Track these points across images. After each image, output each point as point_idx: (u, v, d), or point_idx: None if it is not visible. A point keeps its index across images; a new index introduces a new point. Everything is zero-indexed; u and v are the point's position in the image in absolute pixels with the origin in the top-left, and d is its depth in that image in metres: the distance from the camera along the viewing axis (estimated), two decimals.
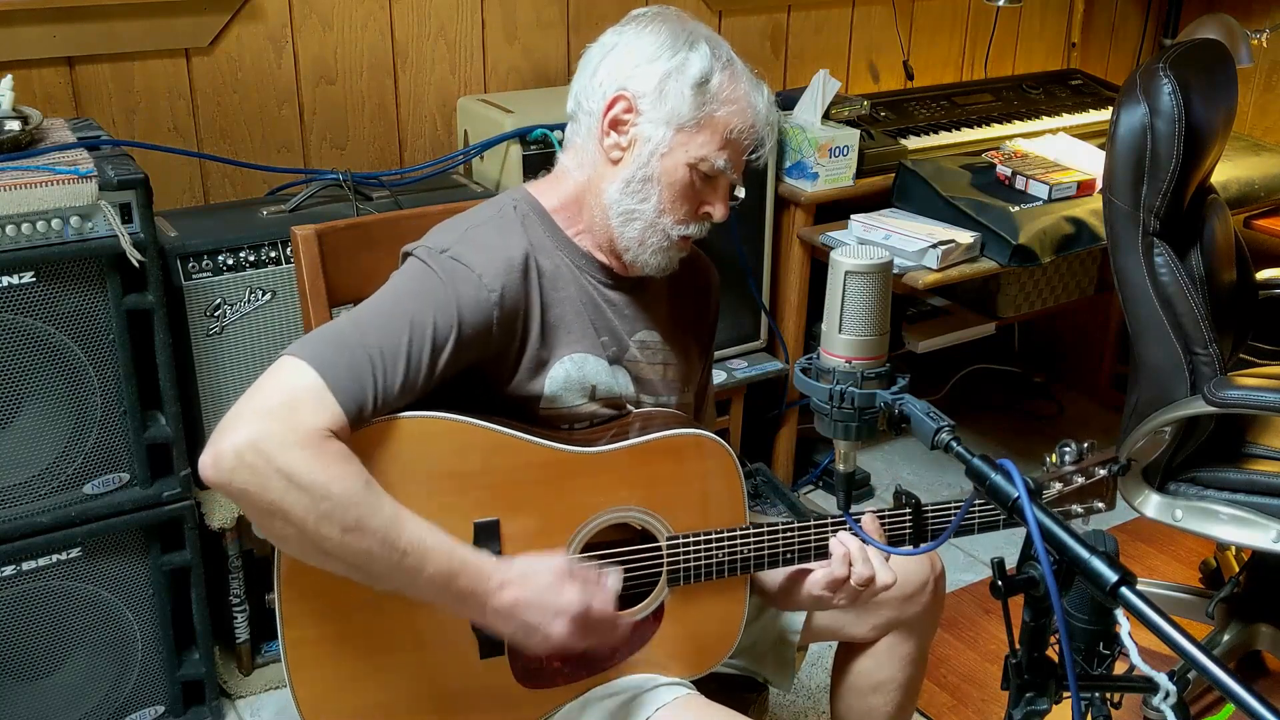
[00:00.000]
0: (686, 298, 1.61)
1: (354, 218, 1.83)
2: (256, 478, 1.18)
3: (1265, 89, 3.37)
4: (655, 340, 1.54)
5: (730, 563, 1.44)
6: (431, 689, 1.38)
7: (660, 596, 1.44)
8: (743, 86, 1.43)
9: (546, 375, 1.43)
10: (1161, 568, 2.83)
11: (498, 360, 1.40)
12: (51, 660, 2.02)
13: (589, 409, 1.46)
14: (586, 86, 1.46)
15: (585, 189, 1.47)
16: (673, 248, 1.46)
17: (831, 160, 2.78)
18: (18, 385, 1.88)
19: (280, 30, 2.46)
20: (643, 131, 1.41)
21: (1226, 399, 1.95)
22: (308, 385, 1.23)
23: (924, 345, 3.04)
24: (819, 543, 1.46)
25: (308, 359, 1.25)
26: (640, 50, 1.42)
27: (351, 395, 1.24)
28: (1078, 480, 1.45)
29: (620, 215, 1.43)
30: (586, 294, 1.47)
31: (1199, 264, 2.09)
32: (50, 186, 1.83)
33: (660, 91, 1.40)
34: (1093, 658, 1.19)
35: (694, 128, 1.41)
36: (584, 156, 1.47)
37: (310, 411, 1.21)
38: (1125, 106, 1.99)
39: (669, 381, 1.55)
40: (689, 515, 1.44)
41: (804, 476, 3.17)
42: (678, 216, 1.44)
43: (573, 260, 1.47)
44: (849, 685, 1.75)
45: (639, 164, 1.42)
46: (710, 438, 1.46)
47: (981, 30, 3.53)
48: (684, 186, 1.42)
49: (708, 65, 1.40)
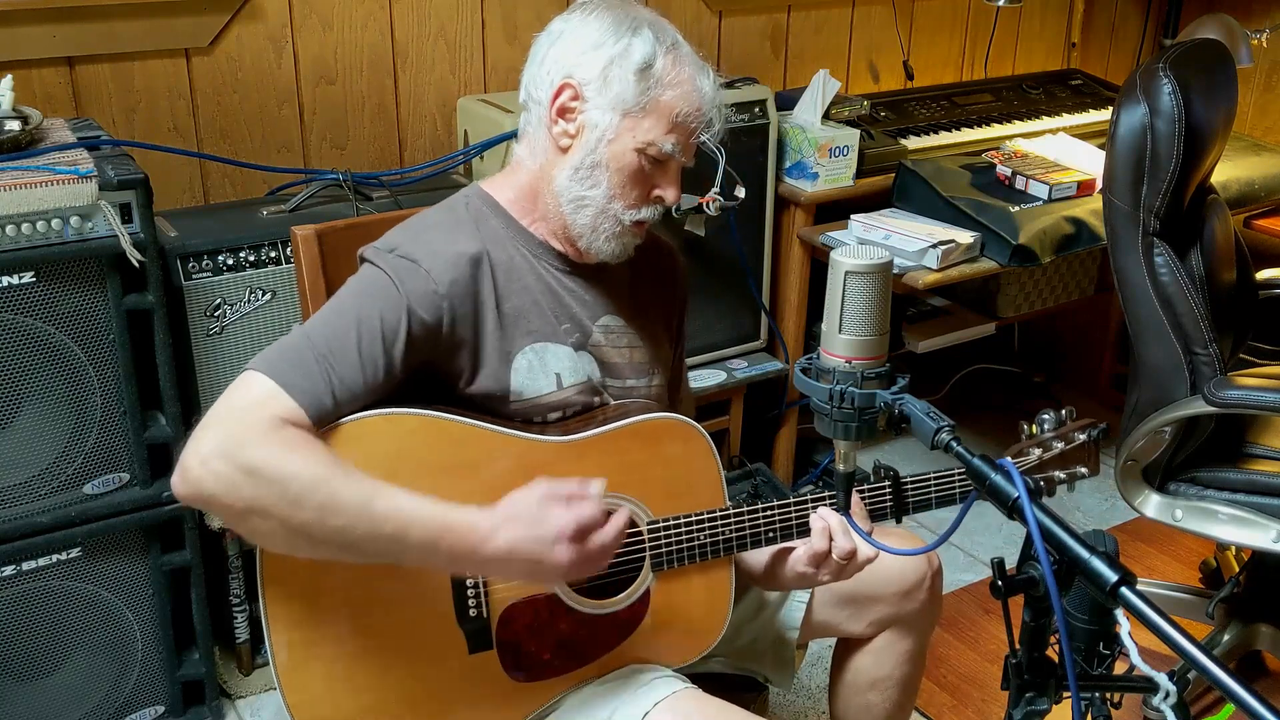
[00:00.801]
0: (649, 282, 1.61)
1: (354, 218, 1.84)
2: (223, 481, 1.20)
3: (1265, 89, 3.37)
4: (619, 324, 1.54)
5: (713, 544, 1.44)
6: (422, 687, 1.38)
7: (645, 582, 1.45)
8: (687, 70, 1.44)
9: (510, 367, 1.43)
10: (1161, 568, 2.83)
11: (455, 356, 1.41)
12: (51, 660, 2.02)
13: (558, 397, 1.46)
14: (535, 75, 1.47)
15: (538, 178, 1.48)
16: (626, 233, 1.47)
17: (831, 160, 2.78)
18: (18, 385, 1.88)
19: (280, 30, 2.46)
20: (590, 118, 1.42)
21: (1226, 399, 1.95)
22: (262, 390, 1.26)
23: (924, 345, 3.04)
24: (800, 521, 1.47)
25: (260, 369, 1.28)
26: (584, 37, 1.43)
27: (306, 393, 1.26)
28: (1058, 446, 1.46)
29: (571, 202, 1.44)
30: (544, 283, 1.48)
31: (1199, 264, 2.09)
32: (50, 186, 1.83)
33: (605, 78, 1.41)
34: (1093, 658, 1.19)
35: (640, 112, 1.41)
36: (535, 145, 1.49)
37: (266, 410, 1.24)
38: (1125, 106, 1.99)
39: (636, 364, 1.56)
40: (668, 499, 1.45)
41: (804, 476, 3.17)
42: (629, 201, 1.45)
43: (529, 250, 1.48)
44: (847, 682, 1.75)
45: (587, 150, 1.43)
46: (684, 420, 1.47)
47: (981, 30, 3.53)
48: (633, 171, 1.43)
49: (650, 50, 1.41)
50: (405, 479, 1.31)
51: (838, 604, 1.67)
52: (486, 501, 1.34)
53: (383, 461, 1.31)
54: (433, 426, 1.35)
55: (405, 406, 1.34)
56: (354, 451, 1.29)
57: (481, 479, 1.36)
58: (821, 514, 1.45)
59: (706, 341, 2.82)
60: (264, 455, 1.21)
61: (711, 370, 2.83)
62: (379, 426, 1.32)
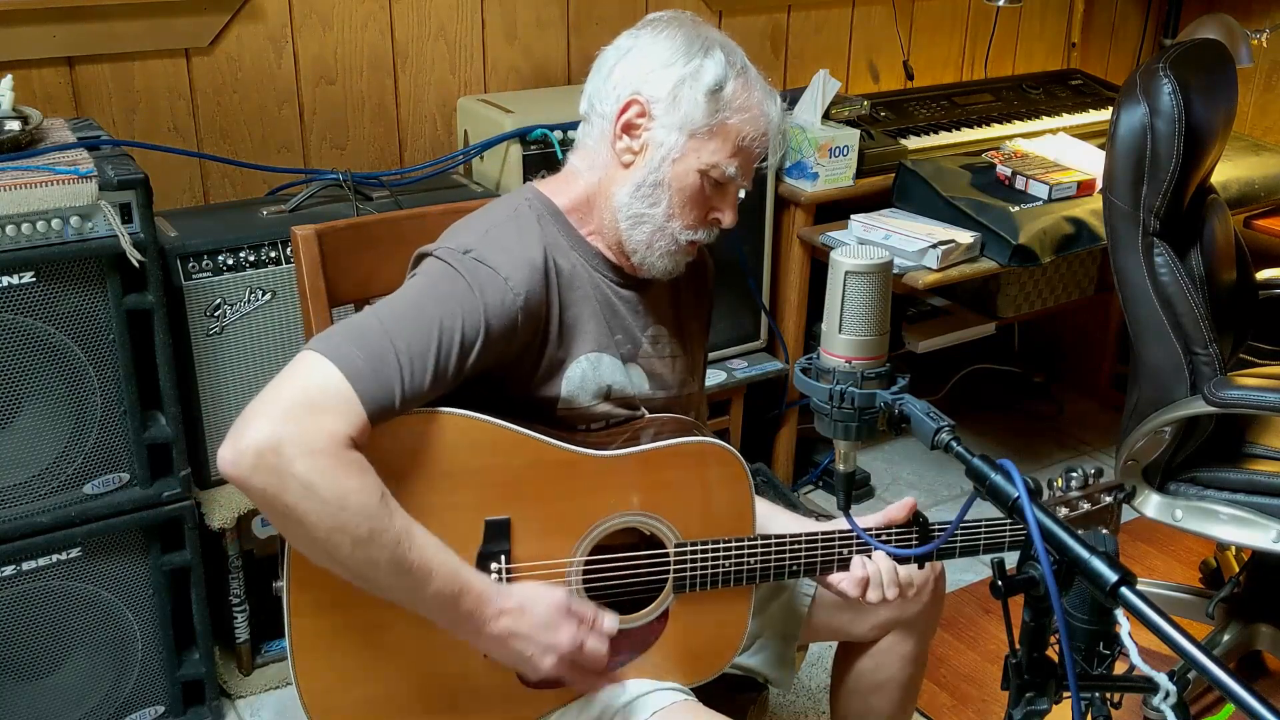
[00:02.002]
0: (688, 288, 1.62)
1: (354, 218, 1.83)
2: (275, 479, 1.18)
3: (1265, 89, 3.37)
4: (664, 335, 1.55)
5: (736, 572, 1.44)
6: (434, 683, 1.38)
7: (665, 602, 1.45)
8: (756, 94, 1.43)
9: (564, 376, 1.43)
10: (1161, 568, 2.83)
11: (518, 362, 1.40)
12: (51, 660, 2.02)
13: (603, 409, 1.47)
14: (600, 89, 1.45)
15: (596, 191, 1.47)
16: (680, 252, 1.47)
17: (831, 160, 2.78)
18: (18, 385, 1.88)
19: (280, 30, 2.46)
20: (655, 136, 1.42)
21: (1226, 399, 1.95)
22: (331, 385, 1.21)
23: (924, 345, 3.04)
24: (825, 558, 1.47)
25: (332, 357, 1.23)
26: (655, 55, 1.42)
27: (375, 397, 1.23)
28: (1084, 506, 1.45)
29: (630, 219, 1.44)
30: (601, 293, 1.48)
31: (1199, 264, 2.09)
32: (50, 186, 1.83)
33: (674, 97, 1.40)
34: (1093, 658, 1.19)
35: (706, 134, 1.41)
36: (595, 159, 1.47)
37: (332, 415, 1.20)
38: (1125, 106, 1.99)
39: (678, 373, 1.56)
40: (697, 523, 1.44)
41: (804, 476, 3.17)
42: (687, 221, 1.44)
43: (586, 260, 1.47)
44: (849, 685, 1.75)
45: (650, 169, 1.42)
46: (722, 446, 1.46)
47: (981, 30, 3.53)
48: (694, 192, 1.43)
49: (722, 72, 1.40)
50: (444, 480, 1.32)
51: (840, 606, 1.67)
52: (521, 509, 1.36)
53: (423, 460, 1.31)
54: (476, 429, 1.34)
55: (449, 407, 1.33)
56: (396, 448, 1.29)
57: (520, 486, 1.36)
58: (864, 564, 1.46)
59: None
60: (321, 473, 1.18)
61: (711, 370, 2.82)
62: (424, 425, 1.31)
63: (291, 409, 1.20)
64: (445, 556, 1.25)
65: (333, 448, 1.19)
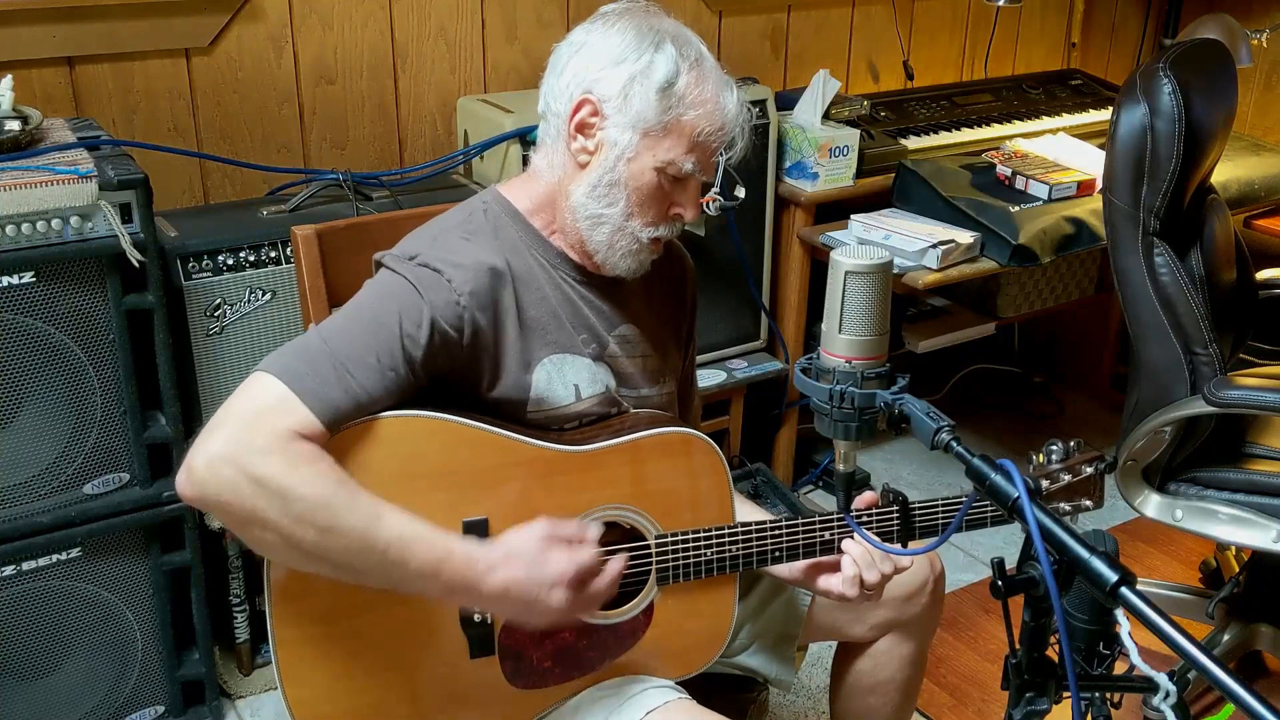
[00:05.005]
0: (661, 288, 1.60)
1: (354, 218, 1.84)
2: (229, 486, 1.19)
3: (1265, 89, 3.37)
4: (634, 334, 1.53)
5: (719, 561, 1.44)
6: (422, 690, 1.38)
7: (649, 595, 1.44)
8: (710, 88, 1.41)
9: (530, 377, 1.42)
10: (1161, 568, 2.83)
11: (475, 365, 1.39)
12: (51, 660, 2.02)
13: (577, 409, 1.46)
14: (554, 87, 1.44)
15: (556, 190, 1.46)
16: (643, 250, 1.45)
17: (831, 160, 2.78)
18: (18, 385, 1.88)
19: (280, 30, 2.46)
20: (608, 136, 1.40)
21: (1226, 399, 1.95)
22: (275, 395, 1.24)
23: (924, 345, 3.04)
24: (807, 542, 1.46)
25: (275, 372, 1.25)
26: (606, 51, 1.40)
27: (319, 396, 1.24)
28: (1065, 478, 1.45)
29: (588, 219, 1.42)
30: (563, 293, 1.47)
31: (1199, 264, 2.09)
32: (50, 186, 1.83)
33: (625, 95, 1.38)
34: (1093, 658, 1.19)
35: (660, 132, 1.39)
36: (553, 158, 1.46)
37: (276, 414, 1.22)
38: (1125, 106, 1.99)
39: (648, 373, 1.55)
40: (677, 514, 1.44)
41: (804, 476, 3.17)
42: (646, 220, 1.43)
43: (547, 260, 1.46)
44: (848, 686, 1.75)
45: (605, 168, 1.40)
46: (698, 436, 1.46)
47: (981, 30, 3.53)
48: (652, 190, 1.41)
49: (673, 67, 1.38)
50: (418, 482, 1.32)
51: (840, 607, 1.66)
52: (498, 508, 1.34)
53: (396, 464, 1.31)
54: (448, 430, 1.34)
55: (422, 409, 1.33)
56: (367, 452, 1.29)
57: (495, 485, 1.36)
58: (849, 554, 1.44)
59: (706, 341, 2.82)
60: (272, 467, 1.19)
61: (711, 370, 2.83)
62: (394, 428, 1.31)
63: (238, 422, 1.23)
64: (419, 529, 1.24)
65: (278, 443, 1.20)
